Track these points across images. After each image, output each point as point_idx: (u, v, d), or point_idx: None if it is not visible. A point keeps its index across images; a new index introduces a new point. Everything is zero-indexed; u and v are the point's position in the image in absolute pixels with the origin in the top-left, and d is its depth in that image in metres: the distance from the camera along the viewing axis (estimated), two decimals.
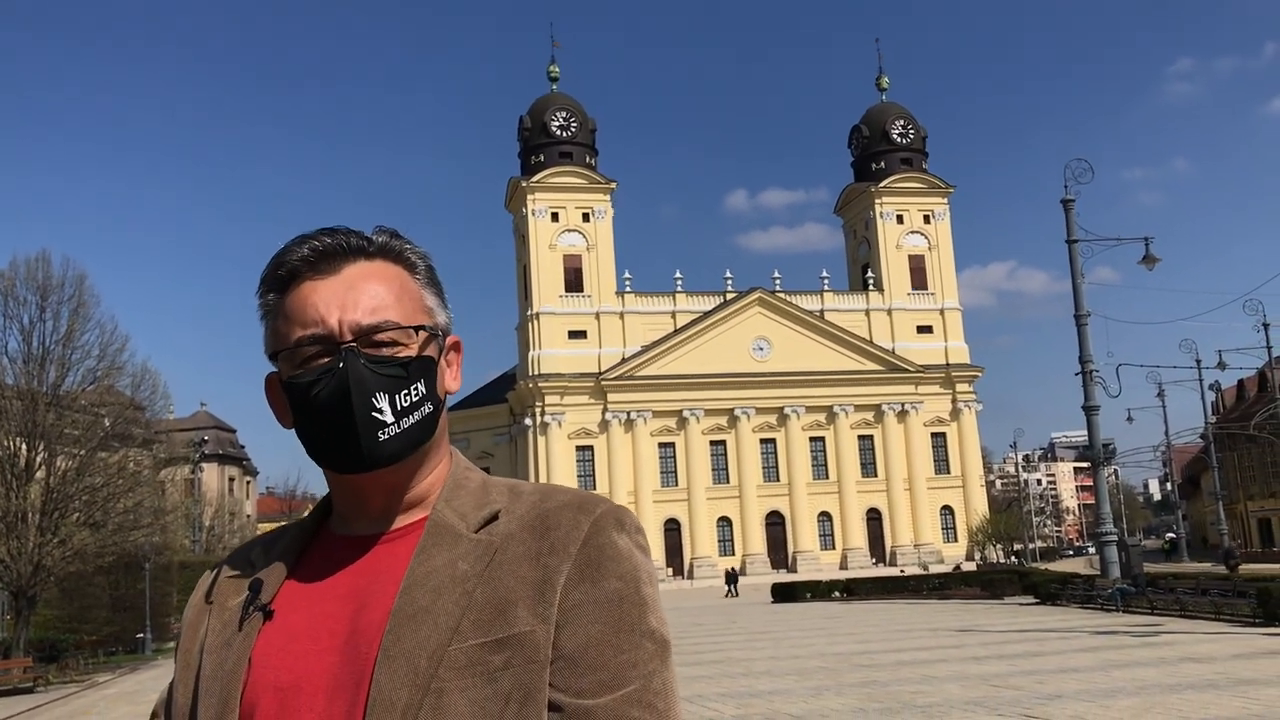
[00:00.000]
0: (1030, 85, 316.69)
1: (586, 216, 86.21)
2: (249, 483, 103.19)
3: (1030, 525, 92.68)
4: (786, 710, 13.72)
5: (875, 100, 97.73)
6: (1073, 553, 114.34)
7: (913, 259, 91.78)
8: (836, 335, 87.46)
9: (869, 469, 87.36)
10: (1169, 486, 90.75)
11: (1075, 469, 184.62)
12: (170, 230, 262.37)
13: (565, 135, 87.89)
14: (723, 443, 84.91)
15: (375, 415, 1.28)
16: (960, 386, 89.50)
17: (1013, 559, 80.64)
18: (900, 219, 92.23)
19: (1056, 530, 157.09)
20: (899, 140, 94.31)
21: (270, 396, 1.39)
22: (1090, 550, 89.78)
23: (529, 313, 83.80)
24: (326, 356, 1.30)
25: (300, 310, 1.33)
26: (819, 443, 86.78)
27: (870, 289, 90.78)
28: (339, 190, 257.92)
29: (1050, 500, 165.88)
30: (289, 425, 1.36)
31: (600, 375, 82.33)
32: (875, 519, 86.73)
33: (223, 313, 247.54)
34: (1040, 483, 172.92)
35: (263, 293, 1.38)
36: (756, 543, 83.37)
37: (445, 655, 1.21)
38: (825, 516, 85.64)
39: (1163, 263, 32.94)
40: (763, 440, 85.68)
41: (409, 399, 1.31)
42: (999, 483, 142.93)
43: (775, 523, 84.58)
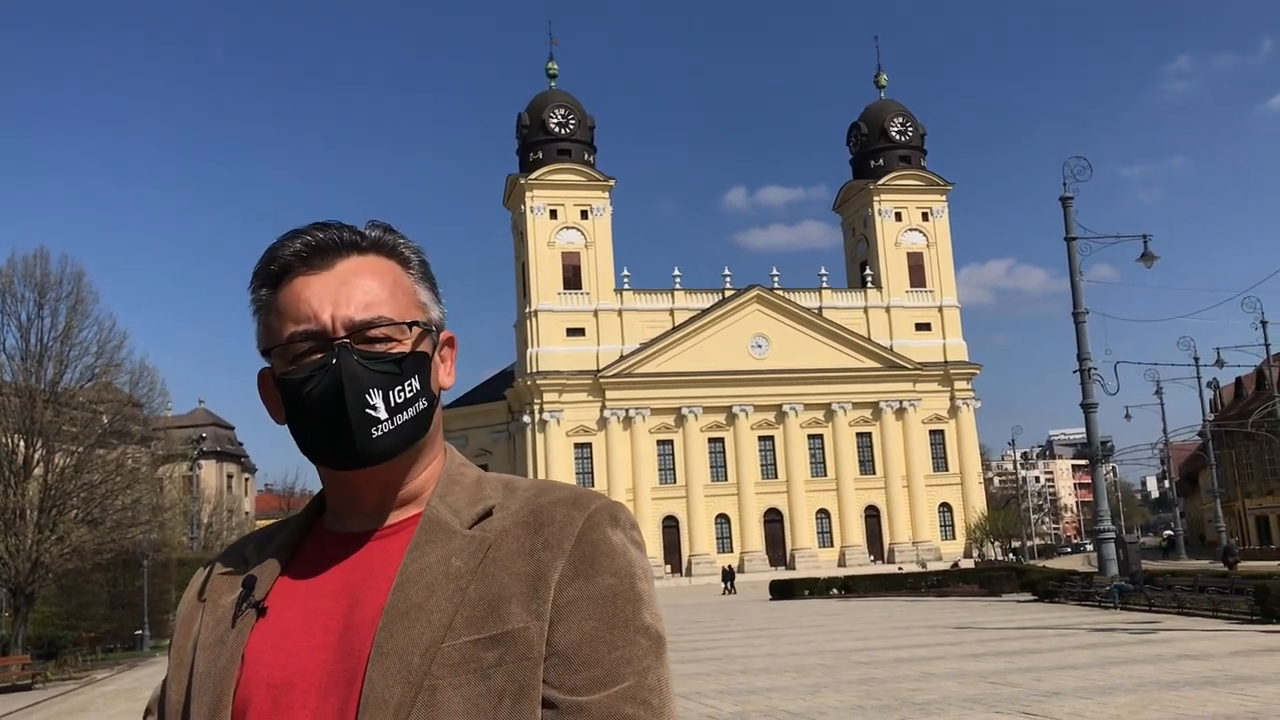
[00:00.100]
0: (1029, 83, 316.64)
1: (585, 214, 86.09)
2: (247, 480, 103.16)
3: (1028, 523, 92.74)
4: (784, 707, 13.72)
5: (874, 98, 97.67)
6: (1071, 550, 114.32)
7: (911, 256, 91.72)
8: (835, 333, 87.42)
9: (867, 466, 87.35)
10: (1167, 484, 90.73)
11: (1073, 466, 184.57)
12: (169, 229, 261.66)
13: (564, 132, 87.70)
14: (721, 440, 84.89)
15: (369, 412, 1.27)
16: (958, 384, 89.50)
17: (1011, 556, 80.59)
18: (899, 216, 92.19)
19: (1054, 528, 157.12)
20: (897, 138, 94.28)
21: (263, 392, 1.38)
22: (1088, 548, 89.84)
23: (527, 310, 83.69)
24: (319, 353, 1.29)
25: (293, 306, 1.32)
26: (817, 440, 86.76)
27: (869, 286, 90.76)
28: (338, 189, 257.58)
29: (1048, 498, 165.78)
30: (282, 421, 1.35)
31: (598, 373, 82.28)
32: (873, 516, 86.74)
33: (221, 310, 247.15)
34: (1038, 480, 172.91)
35: (255, 288, 1.37)
36: (755, 540, 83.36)
37: (438, 652, 1.20)
38: (823, 514, 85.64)
39: (1161, 260, 33.08)
40: (761, 438, 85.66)
41: (403, 395, 1.30)
42: (997, 480, 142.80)
43: (773, 520, 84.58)
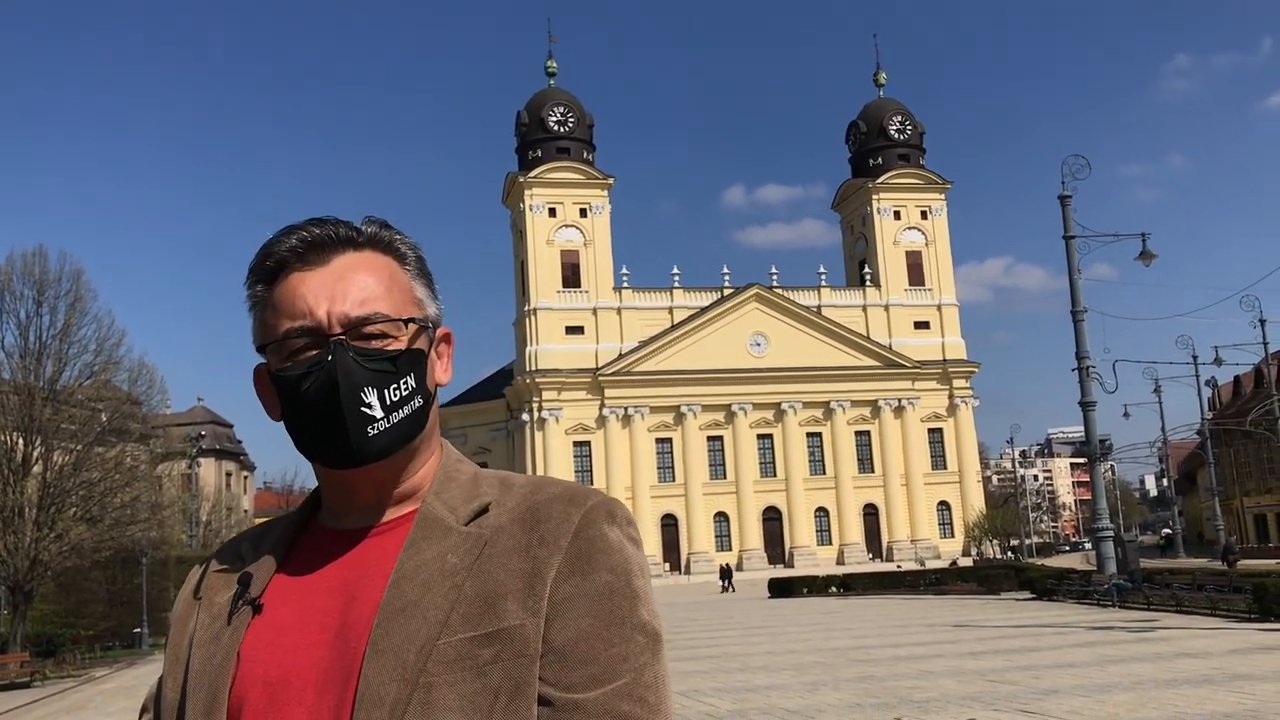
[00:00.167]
0: (1028, 82, 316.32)
1: (584, 212, 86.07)
2: (246, 477, 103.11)
3: (1027, 521, 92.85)
4: (783, 705, 13.73)
5: (873, 96, 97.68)
6: (1069, 548, 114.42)
7: (910, 255, 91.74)
8: (833, 331, 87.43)
9: (866, 465, 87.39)
10: (1165, 482, 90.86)
11: (1072, 465, 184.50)
12: (169, 229, 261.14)
13: (563, 130, 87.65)
14: (720, 438, 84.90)
15: (364, 410, 1.26)
16: (957, 382, 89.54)
17: (1009, 554, 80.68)
18: (898, 215, 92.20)
19: (1053, 526, 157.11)
20: (896, 136, 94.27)
21: (259, 388, 1.37)
22: (1086, 546, 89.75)
23: (526, 308, 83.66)
24: (315, 349, 1.28)
25: (288, 302, 1.31)
26: (816, 438, 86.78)
27: (867, 285, 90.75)
28: (338, 188, 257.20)
29: (1047, 496, 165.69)
30: (278, 418, 1.33)
31: (597, 371, 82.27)
32: (872, 514, 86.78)
33: (220, 309, 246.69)
34: (1037, 478, 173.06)
35: (251, 284, 1.35)
36: (753, 538, 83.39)
37: (434, 649, 1.19)
38: (822, 512, 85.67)
39: (1160, 259, 32.99)
40: (760, 436, 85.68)
41: (398, 393, 1.29)
42: (995, 478, 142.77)
43: (772, 518, 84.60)
